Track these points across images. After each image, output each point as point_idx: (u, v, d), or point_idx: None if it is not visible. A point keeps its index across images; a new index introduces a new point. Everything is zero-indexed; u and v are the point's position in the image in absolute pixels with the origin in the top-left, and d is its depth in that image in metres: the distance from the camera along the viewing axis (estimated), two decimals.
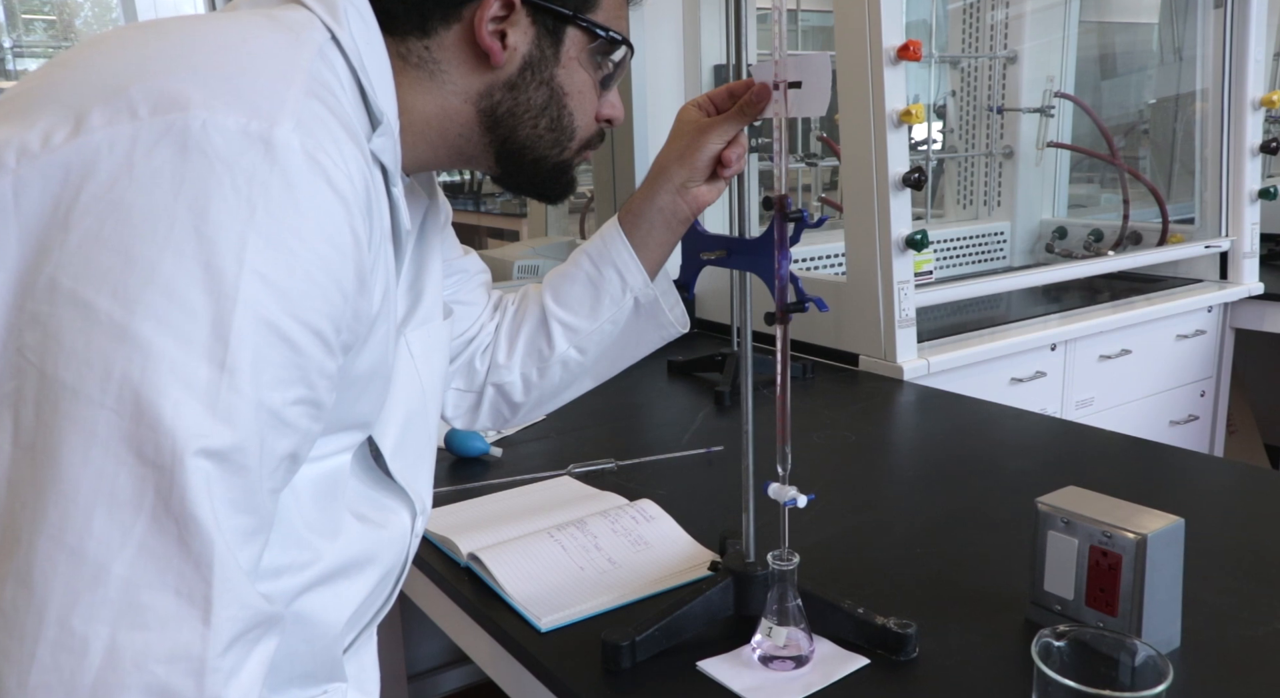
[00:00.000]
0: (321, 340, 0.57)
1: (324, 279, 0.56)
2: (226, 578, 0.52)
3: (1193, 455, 1.55)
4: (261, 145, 0.53)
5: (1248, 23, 2.52)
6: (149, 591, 0.50)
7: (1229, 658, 0.90)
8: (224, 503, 0.52)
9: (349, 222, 0.57)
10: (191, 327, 0.51)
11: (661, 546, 1.15)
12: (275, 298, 0.53)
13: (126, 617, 0.49)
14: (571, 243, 2.99)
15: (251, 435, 0.53)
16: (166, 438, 0.50)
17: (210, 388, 0.51)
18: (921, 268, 1.95)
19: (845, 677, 0.88)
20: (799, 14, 2.91)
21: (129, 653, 0.49)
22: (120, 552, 0.49)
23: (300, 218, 0.54)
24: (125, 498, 0.50)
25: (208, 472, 0.51)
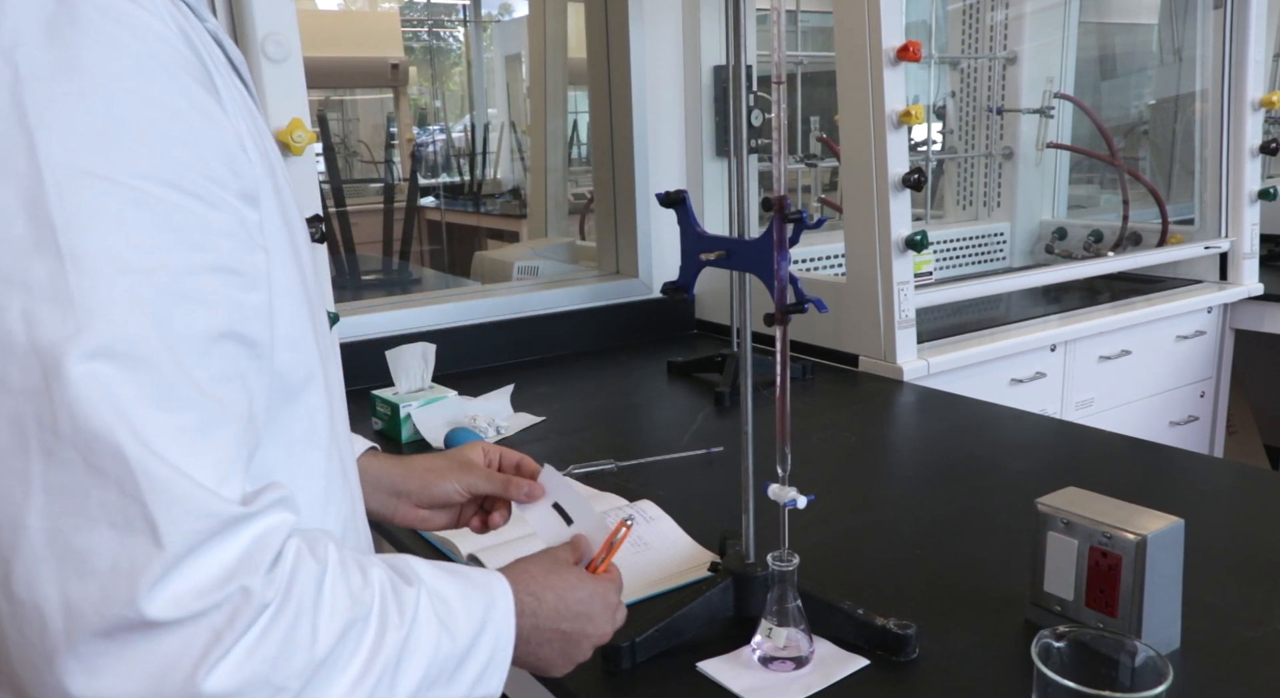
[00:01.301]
0: (186, 191, 0.48)
1: (147, 113, 0.47)
2: (162, 487, 0.44)
3: (1193, 456, 1.55)
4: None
5: (1247, 23, 2.52)
6: (78, 533, 0.43)
7: (1229, 659, 0.90)
8: (136, 405, 0.44)
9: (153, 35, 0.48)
10: (4, 225, 0.43)
11: (661, 546, 1.15)
12: (91, 155, 0.45)
13: (70, 569, 0.43)
14: (571, 244, 2.99)
15: (137, 320, 0.45)
16: (28, 357, 0.43)
17: (55, 282, 0.43)
18: (921, 269, 1.95)
19: (845, 678, 0.88)
20: (799, 14, 2.91)
21: (89, 606, 0.43)
22: (27, 503, 0.43)
23: (80, 53, 0.45)
24: (6, 442, 0.43)
25: (96, 375, 0.43)
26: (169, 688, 0.44)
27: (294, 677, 0.48)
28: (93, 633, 0.43)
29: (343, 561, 0.54)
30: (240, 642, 0.46)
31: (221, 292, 0.49)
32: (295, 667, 0.48)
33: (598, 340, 2.22)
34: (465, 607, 0.61)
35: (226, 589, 0.46)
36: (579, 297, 2.22)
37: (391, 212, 4.00)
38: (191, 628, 0.45)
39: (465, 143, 5.34)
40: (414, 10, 5.71)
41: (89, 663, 0.43)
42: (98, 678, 0.43)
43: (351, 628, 0.52)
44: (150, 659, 0.44)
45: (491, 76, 5.40)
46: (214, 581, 0.45)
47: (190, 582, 0.45)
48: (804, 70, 2.86)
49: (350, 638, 0.52)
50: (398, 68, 5.10)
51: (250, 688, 0.46)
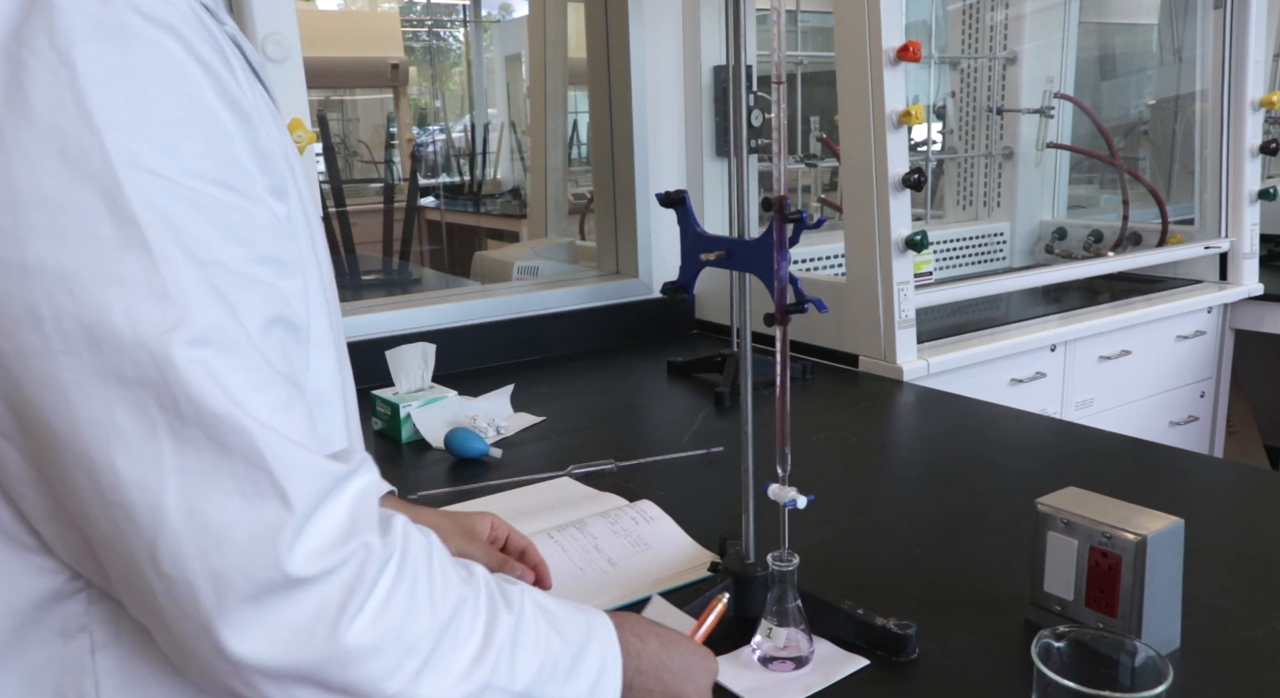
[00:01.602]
0: (232, 188, 0.50)
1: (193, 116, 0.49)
2: (281, 456, 0.47)
3: (1192, 456, 1.55)
4: (42, 8, 0.46)
5: (1247, 23, 2.52)
6: (214, 508, 0.46)
7: (1229, 659, 0.90)
8: (240, 386, 0.47)
9: (187, 38, 0.50)
10: (90, 224, 0.45)
11: (661, 546, 1.15)
12: (154, 154, 0.47)
13: (209, 542, 0.46)
14: (571, 244, 2.99)
15: (220, 308, 0.48)
16: (138, 350, 0.45)
17: (150, 276, 0.46)
18: (921, 269, 1.95)
19: (845, 678, 0.88)
20: (798, 15, 2.91)
21: (237, 574, 0.46)
22: (163, 485, 0.46)
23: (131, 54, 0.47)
24: (134, 431, 0.45)
25: (201, 360, 0.46)
26: (315, 643, 0.47)
27: (422, 639, 0.51)
28: (241, 599, 0.46)
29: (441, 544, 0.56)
30: (372, 596, 0.49)
31: (269, 280, 0.51)
32: (421, 628, 0.51)
33: (598, 340, 2.22)
34: (569, 617, 0.62)
35: (351, 545, 0.49)
36: (579, 297, 2.22)
37: (391, 212, 4.00)
38: (327, 584, 0.48)
39: (465, 143, 5.34)
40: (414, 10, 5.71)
41: (241, 628, 0.46)
42: (250, 641, 0.46)
43: (464, 604, 0.54)
44: (296, 616, 0.47)
45: (491, 77, 5.40)
46: (338, 537, 0.49)
47: (320, 539, 0.48)
48: (804, 70, 2.86)
49: (465, 613, 0.54)
50: (398, 68, 5.10)
51: (386, 644, 0.49)
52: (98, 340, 0.45)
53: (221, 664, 0.47)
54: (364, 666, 0.49)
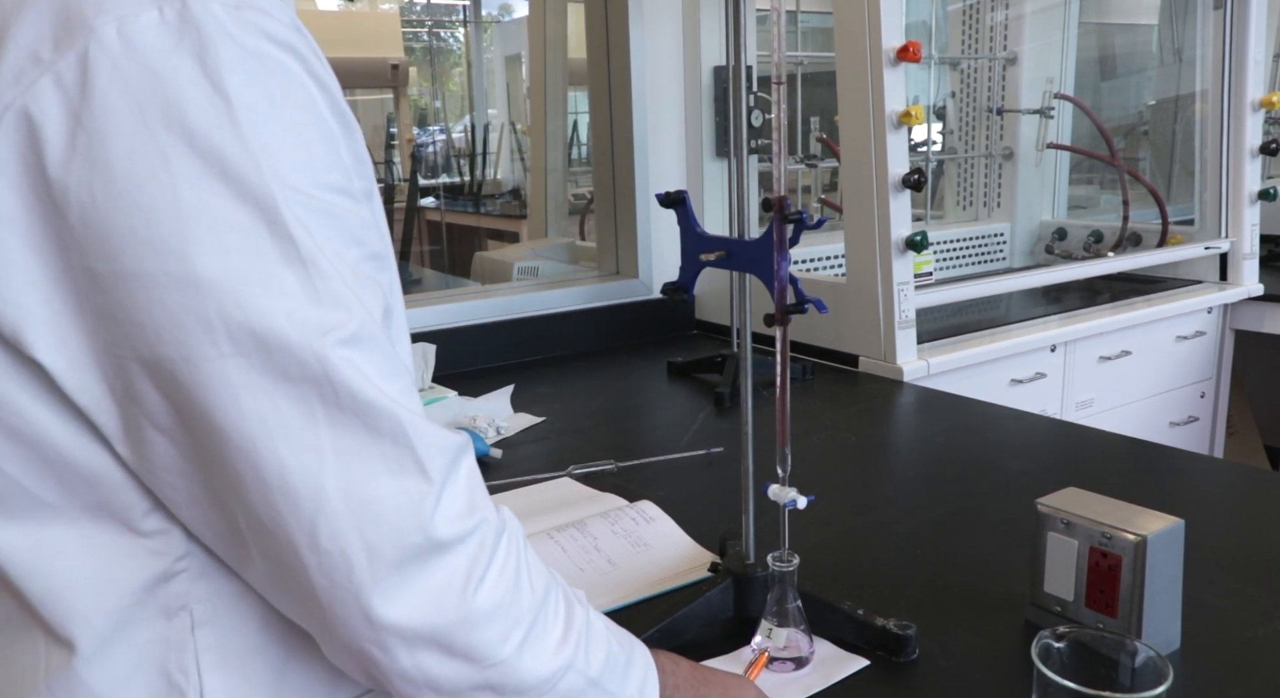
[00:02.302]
0: (348, 196, 0.55)
1: (318, 134, 0.54)
2: (420, 434, 0.53)
3: (1193, 457, 1.55)
4: (190, 28, 0.49)
5: (1247, 24, 2.52)
6: (367, 486, 0.51)
7: (1229, 659, 0.90)
8: (379, 377, 0.53)
9: (305, 68, 0.54)
10: (252, 240, 0.50)
11: (661, 547, 1.15)
12: (297, 172, 0.52)
13: (365, 517, 0.51)
14: (571, 244, 2.99)
15: (359, 309, 0.53)
16: (302, 351, 0.50)
17: (306, 285, 0.51)
18: (921, 269, 1.95)
19: (845, 678, 0.88)
20: (799, 15, 2.91)
21: (388, 543, 0.51)
22: (323, 469, 0.51)
23: (269, 78, 0.51)
24: (298, 423, 0.50)
25: (350, 359, 0.52)
26: (448, 606, 0.53)
27: (526, 611, 0.57)
28: (391, 566, 0.51)
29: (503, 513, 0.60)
30: (491, 565, 0.55)
31: (377, 277, 0.57)
32: (525, 602, 0.57)
33: (598, 341, 2.22)
34: (616, 630, 0.67)
35: (475, 517, 0.55)
36: (579, 297, 2.22)
37: (391, 212, 4.00)
38: (460, 551, 0.54)
39: (465, 143, 5.34)
40: (414, 11, 5.71)
41: (388, 594, 0.52)
42: (395, 605, 0.52)
43: (551, 589, 0.60)
44: (433, 581, 0.53)
45: (491, 77, 5.40)
46: (465, 507, 0.55)
47: (453, 507, 0.54)
48: (804, 71, 2.86)
49: (553, 597, 0.60)
50: (398, 68, 5.10)
51: (502, 610, 0.55)
52: (266, 344, 0.50)
53: (365, 629, 0.52)
54: (485, 630, 0.54)
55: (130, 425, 0.52)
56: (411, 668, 0.54)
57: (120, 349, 0.50)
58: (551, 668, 0.58)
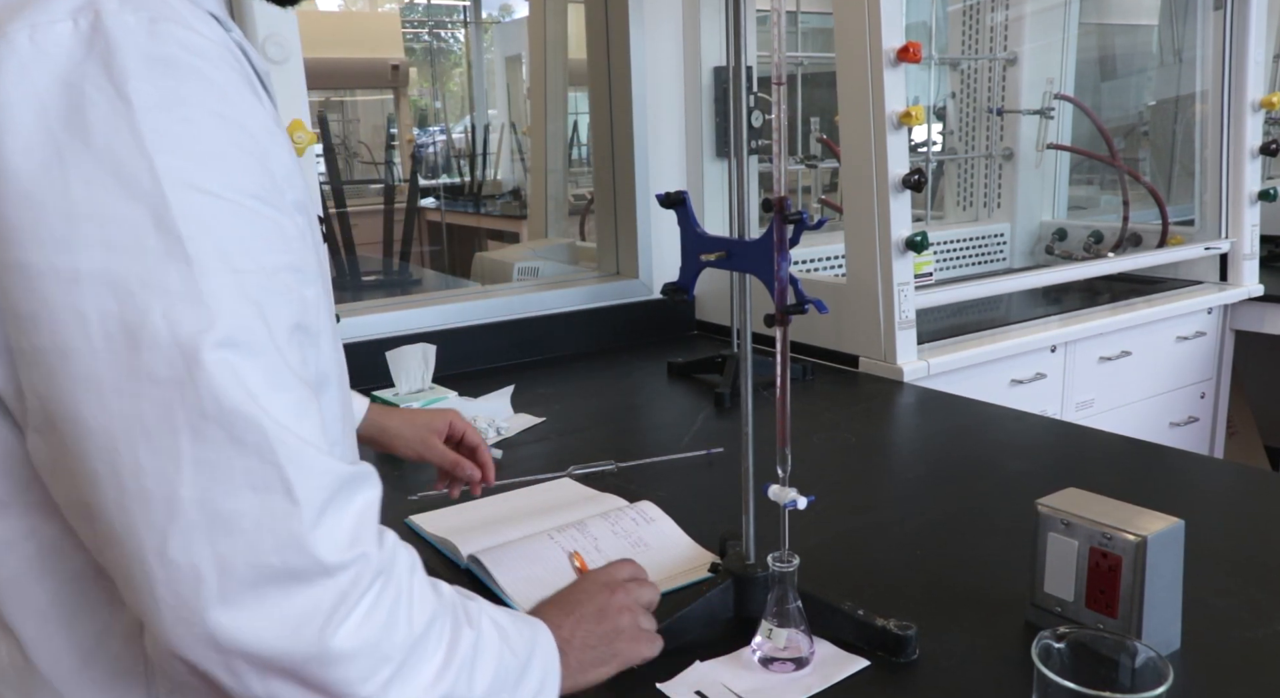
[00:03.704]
0: (265, 201, 0.55)
1: (231, 137, 0.54)
2: (292, 453, 0.51)
3: (1193, 457, 1.55)
4: (100, 38, 0.51)
5: (1247, 24, 2.52)
6: (225, 499, 0.50)
7: (1229, 660, 0.90)
8: (258, 386, 0.51)
9: (226, 69, 0.55)
10: (137, 237, 0.50)
11: (661, 547, 1.15)
12: (198, 173, 0.52)
13: (218, 530, 0.49)
14: (571, 244, 2.99)
15: (249, 314, 0.52)
16: (170, 350, 0.49)
17: (187, 285, 0.50)
18: (921, 269, 1.95)
19: (845, 679, 0.88)
20: (799, 15, 2.91)
21: (239, 560, 0.49)
22: (179, 476, 0.49)
23: (179, 86, 0.52)
24: (157, 426, 0.49)
25: (227, 362, 0.50)
26: (303, 640, 0.51)
27: (398, 649, 0.55)
28: (244, 585, 0.50)
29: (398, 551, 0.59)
30: (360, 603, 0.53)
31: (295, 288, 0.56)
32: (399, 640, 0.55)
33: (598, 341, 2.22)
34: (517, 630, 0.68)
35: (354, 552, 0.53)
36: (579, 297, 2.22)
37: (392, 212, 4.00)
38: (324, 583, 0.51)
39: (465, 144, 5.34)
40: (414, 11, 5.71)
41: (237, 614, 0.50)
42: (244, 627, 0.50)
43: (436, 620, 0.59)
44: (290, 609, 0.50)
45: (492, 77, 5.40)
46: (343, 541, 0.52)
47: (324, 539, 0.51)
48: (804, 71, 2.86)
49: (435, 628, 0.58)
50: (398, 69, 5.10)
51: (366, 650, 0.53)
52: (137, 341, 0.49)
53: (209, 651, 0.50)
54: (343, 668, 0.52)
55: (27, 421, 0.53)
56: (263, 694, 0.51)
57: (11, 342, 0.51)
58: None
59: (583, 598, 0.80)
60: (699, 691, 0.87)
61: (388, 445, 1.12)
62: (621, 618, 0.80)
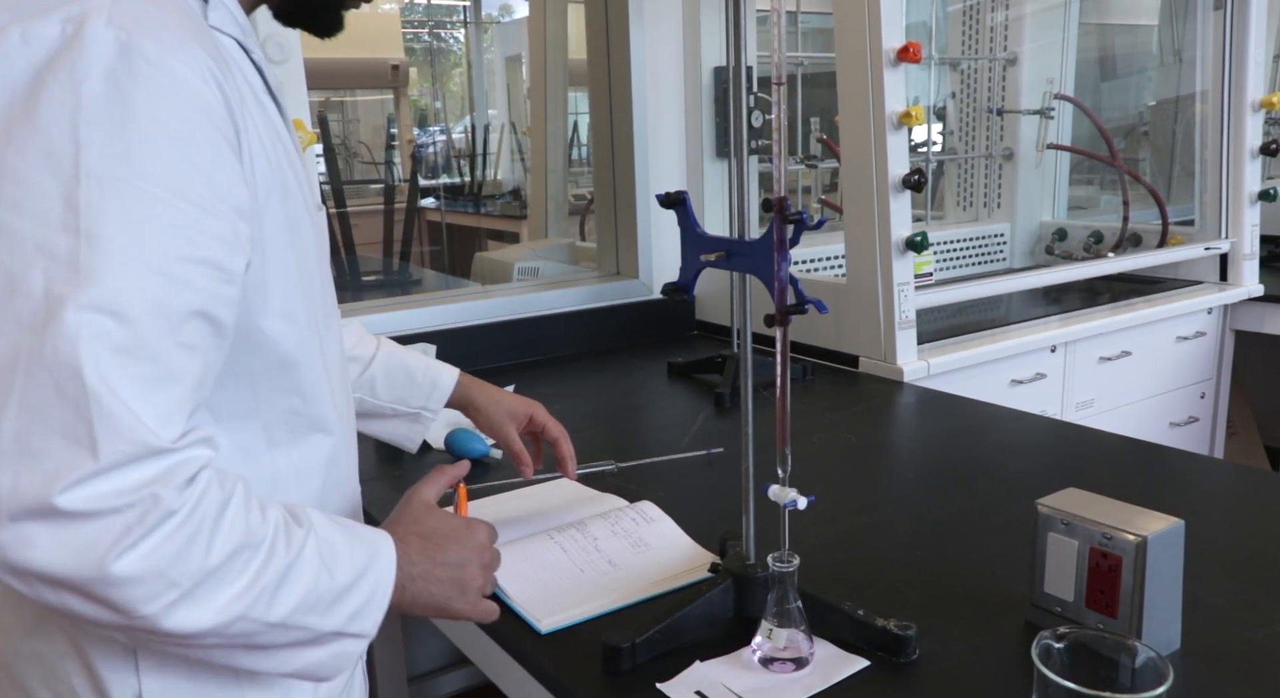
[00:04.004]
0: (192, 201, 0.62)
1: (172, 143, 0.62)
2: (108, 416, 0.57)
3: (1193, 457, 1.55)
4: (76, 43, 0.60)
5: (1247, 24, 2.52)
6: (37, 437, 0.57)
7: (1229, 660, 0.90)
8: (109, 351, 0.58)
9: (189, 87, 0.63)
10: (44, 206, 0.58)
11: (662, 547, 1.15)
12: (121, 167, 0.60)
13: (24, 462, 0.57)
14: (571, 244, 2.99)
15: (129, 289, 0.59)
16: (36, 302, 0.57)
17: (70, 254, 0.58)
18: (921, 270, 1.95)
19: (845, 679, 0.88)
20: (799, 15, 2.91)
21: (32, 493, 0.56)
22: (5, 409, 0.57)
23: (129, 95, 0.60)
24: (4, 363, 0.57)
25: (88, 324, 0.57)
26: (85, 566, 0.58)
27: (186, 577, 0.61)
28: (28, 512, 0.56)
29: (247, 498, 0.66)
30: (147, 539, 0.59)
31: (203, 280, 0.63)
32: (189, 569, 0.61)
33: (598, 341, 2.22)
34: (349, 554, 0.73)
35: (140, 494, 0.59)
36: (579, 298, 2.22)
37: (392, 212, 4.00)
38: (106, 521, 0.58)
39: (465, 144, 5.34)
40: (414, 11, 5.71)
41: (24, 536, 0.57)
42: (30, 550, 0.57)
43: (242, 551, 0.64)
44: (72, 541, 0.57)
45: (492, 78, 5.40)
46: (130, 488, 0.58)
47: (111, 486, 0.58)
48: (804, 71, 2.86)
49: (240, 559, 0.64)
50: (398, 69, 5.09)
51: (149, 577, 0.60)
52: (14, 288, 0.58)
53: (2, 564, 0.58)
54: (125, 590, 0.59)
55: None
56: (57, 605, 0.60)
57: None
58: (213, 622, 0.63)
59: (452, 545, 0.83)
60: (699, 691, 0.87)
61: (471, 418, 1.18)
62: (474, 581, 0.83)
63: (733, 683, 0.88)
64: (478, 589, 0.83)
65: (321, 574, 0.69)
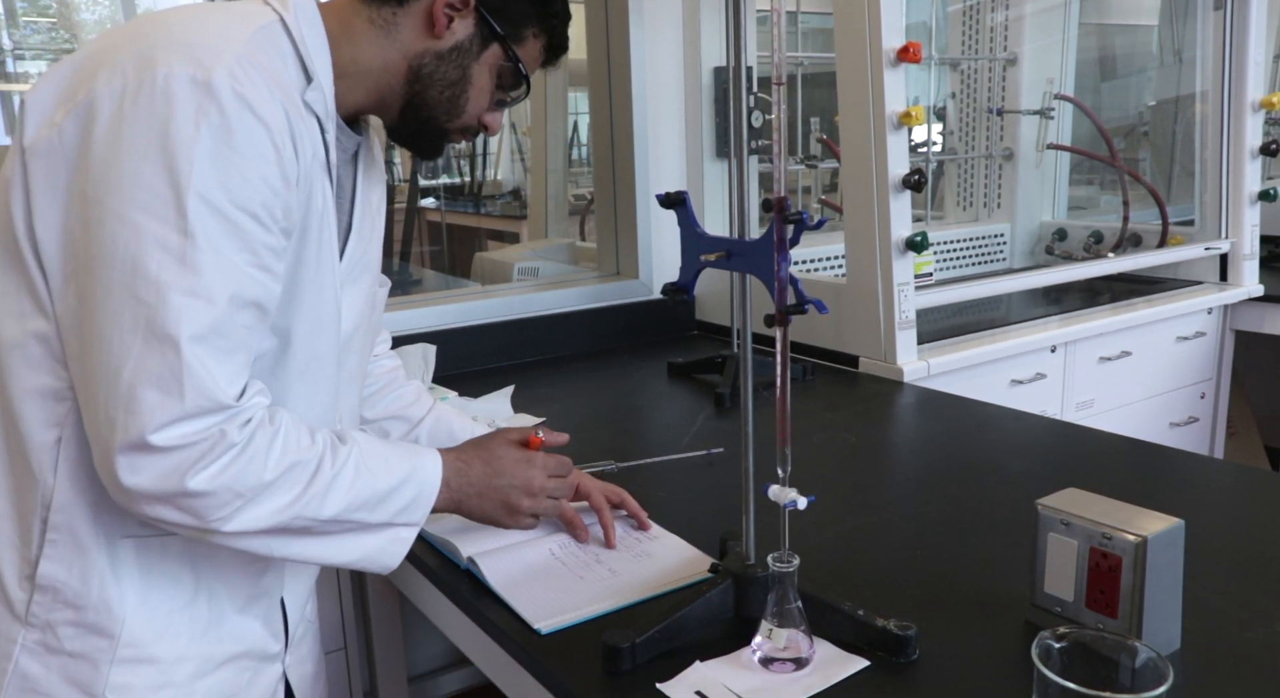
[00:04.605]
0: (258, 221, 0.81)
1: (254, 176, 0.80)
2: (194, 377, 0.78)
3: (1193, 457, 1.55)
4: (204, 87, 0.78)
5: (1247, 25, 2.52)
6: (142, 387, 0.77)
7: (1229, 660, 0.90)
8: (199, 328, 0.78)
9: (270, 137, 0.81)
10: (162, 209, 0.77)
11: (662, 555, 1.15)
12: (218, 188, 0.78)
13: (131, 405, 0.77)
14: (571, 245, 2.99)
15: (216, 281, 0.79)
16: (152, 284, 0.77)
17: (179, 249, 0.77)
18: (921, 270, 1.95)
19: (845, 679, 0.88)
20: (799, 16, 2.91)
21: (134, 429, 0.78)
22: (126, 361, 0.77)
23: (232, 134, 0.79)
24: (129, 326, 0.77)
25: (185, 306, 0.77)
26: (170, 484, 0.79)
27: (248, 489, 0.83)
28: (131, 446, 0.78)
29: (296, 427, 0.88)
30: (215, 463, 0.80)
31: (261, 277, 0.83)
32: (249, 484, 0.83)
33: (598, 341, 2.22)
34: (393, 464, 0.94)
35: (210, 432, 0.80)
36: (579, 298, 2.22)
37: (392, 213, 3.97)
38: (186, 451, 0.79)
39: (465, 144, 5.33)
40: None
41: (128, 462, 0.78)
42: (133, 475, 0.79)
43: (294, 468, 0.86)
44: (160, 465, 0.79)
45: None
46: (204, 428, 0.80)
47: (191, 427, 0.79)
48: (804, 71, 2.86)
49: (292, 473, 0.86)
50: None
51: (219, 491, 0.81)
52: (136, 270, 0.77)
53: (112, 483, 0.80)
54: (201, 500, 0.81)
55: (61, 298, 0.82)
56: (153, 515, 0.81)
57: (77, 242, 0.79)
58: (271, 522, 0.84)
59: (507, 471, 1.05)
60: (699, 691, 0.87)
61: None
62: (522, 504, 1.06)
63: (733, 683, 0.88)
64: (524, 510, 1.03)
65: (365, 479, 0.90)
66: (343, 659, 1.84)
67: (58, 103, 0.81)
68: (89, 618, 0.87)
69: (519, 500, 1.03)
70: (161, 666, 0.90)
